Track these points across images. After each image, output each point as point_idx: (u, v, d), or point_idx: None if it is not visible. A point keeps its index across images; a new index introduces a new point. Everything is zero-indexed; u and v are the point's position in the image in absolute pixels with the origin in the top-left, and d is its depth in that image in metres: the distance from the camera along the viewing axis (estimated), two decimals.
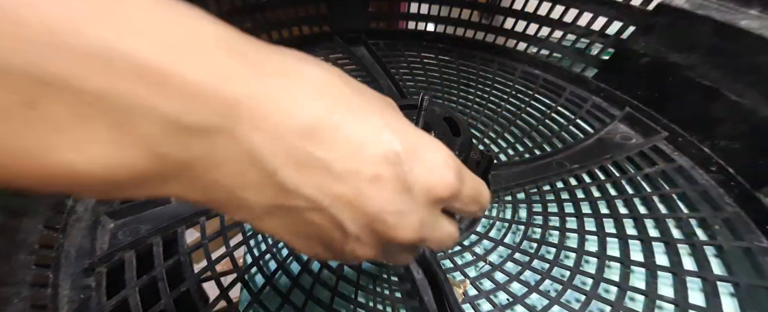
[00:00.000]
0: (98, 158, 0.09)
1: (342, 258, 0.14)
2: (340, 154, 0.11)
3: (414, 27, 0.60)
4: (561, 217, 0.35)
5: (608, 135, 0.43)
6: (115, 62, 0.08)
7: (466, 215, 0.17)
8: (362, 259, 0.14)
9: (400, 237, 0.13)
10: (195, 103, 0.09)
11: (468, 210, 0.15)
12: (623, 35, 0.45)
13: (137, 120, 0.09)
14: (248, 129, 0.10)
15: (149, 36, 0.09)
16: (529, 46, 0.55)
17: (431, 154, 0.13)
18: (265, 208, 0.12)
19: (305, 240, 0.14)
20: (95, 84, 0.08)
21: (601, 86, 0.48)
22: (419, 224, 0.13)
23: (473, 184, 0.15)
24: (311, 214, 0.12)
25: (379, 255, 0.15)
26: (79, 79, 0.08)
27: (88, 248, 0.30)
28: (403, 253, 0.15)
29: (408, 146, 0.13)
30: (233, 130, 0.10)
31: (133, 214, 0.32)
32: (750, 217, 0.34)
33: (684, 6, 0.38)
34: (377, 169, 0.12)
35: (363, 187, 0.12)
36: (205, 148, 0.10)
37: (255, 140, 0.10)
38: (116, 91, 0.08)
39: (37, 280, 0.26)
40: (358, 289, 0.29)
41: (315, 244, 0.14)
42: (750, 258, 0.31)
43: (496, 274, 0.31)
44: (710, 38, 0.36)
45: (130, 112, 0.08)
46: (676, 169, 0.38)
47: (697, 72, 0.38)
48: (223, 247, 0.31)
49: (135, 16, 0.08)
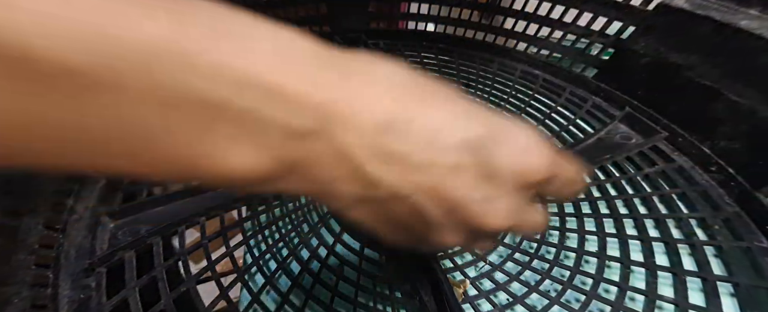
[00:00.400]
0: (243, 164, 0.11)
1: (428, 245, 0.15)
2: (417, 145, 0.12)
3: (414, 27, 0.60)
4: (561, 217, 0.35)
5: (608, 135, 0.43)
6: (250, 87, 0.10)
7: (559, 200, 0.16)
8: (448, 246, 0.15)
9: (487, 225, 0.13)
10: (302, 111, 0.11)
11: (562, 194, 0.15)
12: (623, 35, 0.45)
13: (265, 131, 0.10)
14: (341, 130, 0.11)
15: (262, 55, 0.10)
16: (529, 46, 0.55)
17: (519, 137, 0.13)
18: (354, 198, 0.13)
19: (392, 228, 0.14)
20: (240, 104, 0.10)
21: (601, 86, 0.48)
22: (507, 211, 0.13)
23: (567, 166, 0.15)
24: (395, 204, 0.13)
25: (464, 242, 0.15)
26: (231, 102, 0.10)
27: (88, 248, 0.29)
28: (489, 239, 0.15)
29: (489, 131, 0.13)
30: (330, 131, 0.11)
31: (133, 214, 0.32)
32: (750, 217, 0.34)
33: (684, 6, 0.38)
34: (455, 157, 0.12)
35: (443, 175, 0.12)
36: (310, 149, 0.11)
37: (346, 139, 0.12)
38: (253, 109, 0.10)
39: (37, 280, 0.26)
40: (358, 289, 0.29)
41: (401, 232, 0.14)
42: (750, 258, 0.31)
43: (496, 273, 0.31)
44: (710, 38, 0.36)
45: (260, 126, 0.10)
46: (676, 169, 0.38)
47: (697, 72, 0.38)
48: (223, 247, 0.31)
49: (246, 38, 0.10)
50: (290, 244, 0.32)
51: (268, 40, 0.11)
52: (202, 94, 0.09)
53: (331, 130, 0.11)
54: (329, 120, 0.11)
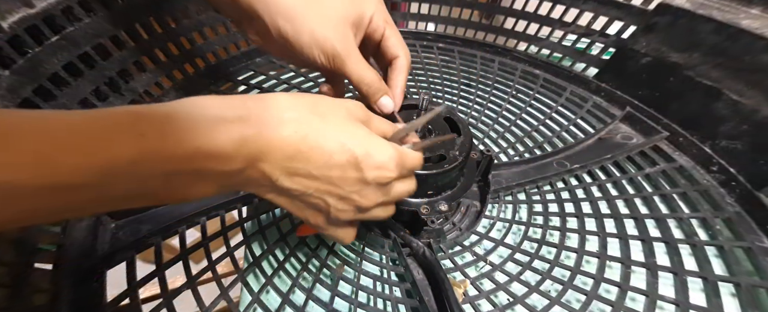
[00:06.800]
0: (200, 194, 0.17)
1: (330, 221, 0.22)
2: (315, 164, 0.19)
3: (414, 27, 0.60)
4: (561, 217, 0.35)
5: (609, 135, 0.43)
6: (194, 160, 0.16)
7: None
8: (344, 221, 0.22)
9: (365, 205, 0.21)
10: (231, 161, 0.17)
11: (406, 181, 0.23)
12: (624, 35, 0.45)
13: (211, 177, 0.17)
14: (260, 163, 0.18)
15: (193, 138, 0.16)
16: (529, 45, 0.55)
17: (379, 155, 0.20)
18: (274, 196, 0.20)
19: (302, 211, 0.22)
20: (205, 170, 0.16)
21: (602, 86, 0.47)
22: (375, 197, 0.21)
23: (411, 162, 0.22)
24: (303, 197, 0.20)
25: (355, 216, 0.22)
26: (185, 170, 0.16)
27: (88, 248, 0.30)
28: (374, 211, 0.23)
29: (363, 152, 0.19)
30: (253, 165, 0.18)
31: (133, 214, 0.32)
32: (751, 217, 0.33)
33: (685, 5, 0.38)
34: (341, 172, 0.19)
35: (333, 181, 0.20)
36: (242, 177, 0.18)
37: (265, 168, 0.18)
38: (201, 169, 0.16)
39: (38, 280, 0.26)
40: (358, 290, 0.29)
41: (309, 212, 0.22)
42: (751, 258, 0.30)
43: (496, 274, 0.31)
44: (711, 38, 0.36)
45: (207, 176, 0.17)
46: (677, 169, 0.38)
47: (698, 72, 0.38)
48: (223, 247, 0.31)
49: (183, 126, 0.16)
50: (290, 244, 0.32)
51: (198, 121, 0.16)
52: (169, 170, 0.15)
53: (254, 164, 0.17)
54: (252, 159, 0.17)
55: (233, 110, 0.17)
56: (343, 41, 0.25)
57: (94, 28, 0.35)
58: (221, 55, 0.49)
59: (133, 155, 0.14)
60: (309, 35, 0.24)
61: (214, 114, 0.16)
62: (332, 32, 0.24)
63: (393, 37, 0.28)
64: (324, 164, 0.19)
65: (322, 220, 0.22)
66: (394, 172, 0.20)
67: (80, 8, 0.33)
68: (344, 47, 0.25)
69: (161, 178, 0.15)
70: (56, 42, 0.32)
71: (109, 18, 0.36)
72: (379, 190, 0.21)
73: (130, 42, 0.39)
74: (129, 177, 0.15)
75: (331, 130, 0.19)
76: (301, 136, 0.18)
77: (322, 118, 0.19)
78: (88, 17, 0.34)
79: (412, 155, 0.22)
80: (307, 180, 0.19)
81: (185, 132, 0.15)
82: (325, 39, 0.24)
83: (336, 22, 0.24)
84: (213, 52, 0.48)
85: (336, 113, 0.20)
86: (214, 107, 0.17)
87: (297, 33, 0.24)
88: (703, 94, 0.38)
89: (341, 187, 0.20)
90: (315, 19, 0.24)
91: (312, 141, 0.18)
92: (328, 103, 0.20)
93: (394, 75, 0.28)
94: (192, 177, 0.16)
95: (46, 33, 0.31)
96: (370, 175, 0.20)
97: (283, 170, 0.18)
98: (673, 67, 0.40)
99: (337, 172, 0.19)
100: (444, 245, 0.33)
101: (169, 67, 0.43)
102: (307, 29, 0.24)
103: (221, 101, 0.17)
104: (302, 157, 0.18)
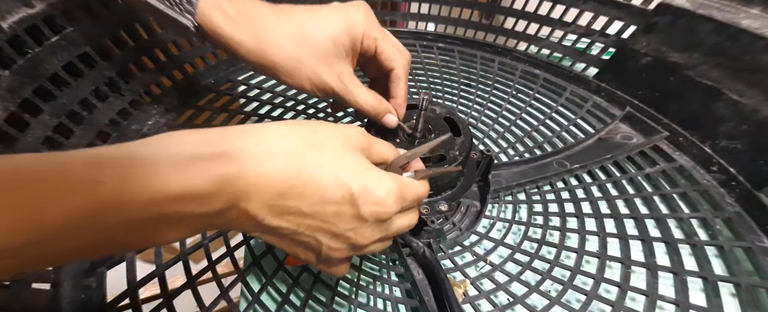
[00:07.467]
0: (179, 237, 0.16)
1: (321, 260, 0.21)
2: (309, 201, 0.17)
3: (414, 27, 0.60)
4: (561, 217, 0.35)
5: (609, 135, 0.42)
6: (175, 203, 0.15)
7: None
8: (337, 258, 0.20)
9: (359, 243, 0.20)
10: (207, 200, 0.15)
11: (408, 214, 0.22)
12: (624, 35, 0.45)
13: (186, 221, 0.16)
14: (244, 202, 0.16)
15: (161, 179, 0.14)
16: (529, 45, 0.55)
17: (377, 191, 0.18)
18: (259, 234, 0.19)
19: (291, 248, 0.20)
20: (175, 214, 0.15)
21: (602, 86, 0.47)
22: (372, 234, 0.20)
23: (413, 196, 0.21)
24: (293, 236, 0.19)
25: (350, 253, 0.21)
26: (170, 214, 0.15)
27: None
28: (371, 247, 0.21)
29: (360, 187, 0.18)
30: (236, 205, 0.16)
31: None
32: (751, 217, 0.33)
33: (685, 5, 0.38)
34: (336, 208, 0.18)
35: (327, 218, 0.18)
36: (224, 218, 0.17)
37: (249, 207, 0.16)
38: (180, 212, 0.15)
39: (37, 280, 0.26)
40: (358, 290, 0.29)
41: (299, 249, 0.20)
42: (751, 258, 0.30)
43: (496, 274, 0.31)
44: (711, 38, 0.36)
45: (182, 219, 0.15)
46: (677, 169, 0.38)
47: (698, 71, 0.38)
48: (223, 247, 0.31)
49: (148, 169, 0.14)
50: None
51: (157, 168, 0.14)
52: (130, 218, 0.14)
53: (236, 204, 0.16)
54: (234, 198, 0.16)
55: (212, 146, 0.16)
56: (339, 80, 0.26)
57: (95, 28, 0.35)
58: (221, 55, 0.49)
59: (87, 206, 0.13)
60: (308, 83, 0.26)
61: (189, 152, 0.15)
62: (327, 75, 0.26)
63: (387, 50, 0.27)
64: (318, 200, 0.17)
65: (313, 257, 0.21)
66: (393, 208, 0.19)
67: (80, 9, 0.34)
68: (341, 86, 0.27)
69: (123, 227, 0.14)
70: (56, 42, 0.32)
71: (109, 18, 0.36)
72: (377, 226, 0.20)
73: (130, 42, 0.39)
74: (86, 230, 0.13)
75: (327, 162, 0.18)
76: (294, 170, 0.17)
77: (317, 148, 0.18)
78: (88, 17, 0.34)
79: (414, 186, 0.21)
80: (298, 218, 0.18)
81: (150, 175, 0.14)
82: (324, 84, 0.26)
83: (329, 63, 0.26)
84: (213, 52, 0.48)
85: (333, 143, 0.19)
86: (189, 143, 0.16)
87: (298, 83, 0.26)
88: (703, 94, 0.38)
89: (336, 225, 0.18)
90: (309, 67, 0.26)
91: (306, 175, 0.17)
92: (325, 131, 0.19)
93: (393, 86, 0.28)
94: (159, 222, 0.15)
95: (46, 33, 0.31)
96: (367, 211, 0.18)
97: (270, 209, 0.17)
98: (673, 67, 0.40)
99: (331, 208, 0.18)
100: (444, 245, 0.33)
101: (169, 67, 0.43)
102: (306, 78, 0.26)
103: (200, 136, 0.16)
104: (295, 193, 0.17)
